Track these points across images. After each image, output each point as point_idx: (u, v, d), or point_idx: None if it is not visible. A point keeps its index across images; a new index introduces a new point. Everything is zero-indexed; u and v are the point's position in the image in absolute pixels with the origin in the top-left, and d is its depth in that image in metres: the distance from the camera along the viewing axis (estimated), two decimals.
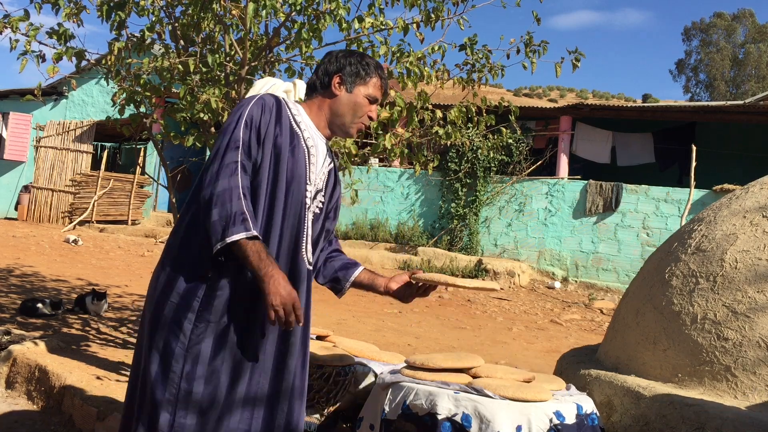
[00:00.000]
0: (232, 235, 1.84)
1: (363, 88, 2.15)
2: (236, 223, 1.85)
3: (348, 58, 2.17)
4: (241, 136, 1.95)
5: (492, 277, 11.38)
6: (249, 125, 1.97)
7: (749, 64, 49.35)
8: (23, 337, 4.40)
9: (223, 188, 1.88)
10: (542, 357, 6.20)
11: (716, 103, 14.09)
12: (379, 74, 2.18)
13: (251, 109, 1.99)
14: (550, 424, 2.39)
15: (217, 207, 1.87)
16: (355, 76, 2.15)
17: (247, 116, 1.97)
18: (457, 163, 13.10)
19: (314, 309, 2.34)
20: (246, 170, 1.93)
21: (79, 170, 15.67)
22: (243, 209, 1.87)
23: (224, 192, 1.88)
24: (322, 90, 2.16)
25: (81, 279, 7.72)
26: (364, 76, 2.15)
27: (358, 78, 2.15)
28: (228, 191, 1.88)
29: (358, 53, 2.22)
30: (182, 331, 1.91)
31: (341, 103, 2.14)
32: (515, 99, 37.39)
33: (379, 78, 2.18)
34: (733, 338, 2.55)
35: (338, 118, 2.15)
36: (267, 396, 2.01)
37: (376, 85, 2.17)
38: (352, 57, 2.18)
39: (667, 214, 11.95)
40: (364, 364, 3.07)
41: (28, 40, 3.80)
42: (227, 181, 1.89)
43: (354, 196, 4.39)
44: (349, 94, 2.14)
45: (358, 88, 2.14)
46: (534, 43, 4.16)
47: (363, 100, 2.15)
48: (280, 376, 2.02)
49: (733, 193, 3.16)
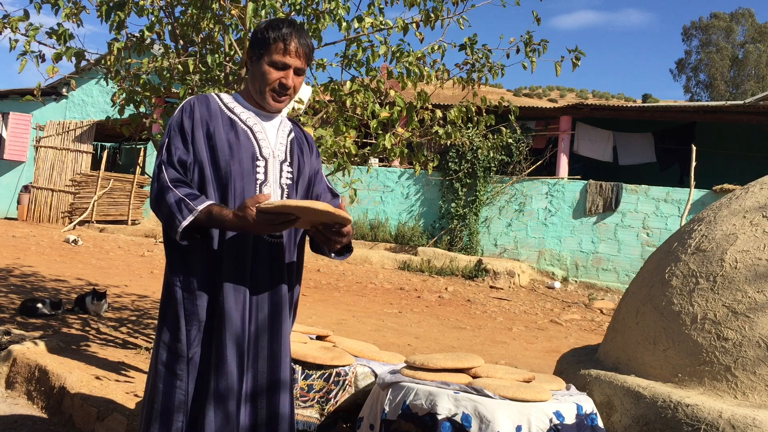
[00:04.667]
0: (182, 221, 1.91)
1: (266, 57, 2.06)
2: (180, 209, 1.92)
3: (254, 31, 2.13)
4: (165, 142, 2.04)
5: (492, 277, 11.38)
6: (170, 129, 2.06)
7: (749, 64, 49.34)
8: (23, 337, 4.39)
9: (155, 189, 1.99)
10: (542, 357, 6.20)
11: (716, 103, 14.09)
12: (282, 36, 2.04)
13: (174, 116, 2.08)
14: (549, 424, 2.39)
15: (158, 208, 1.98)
16: (257, 47, 2.08)
17: (171, 123, 2.07)
18: (457, 163, 13.10)
19: (314, 309, 2.35)
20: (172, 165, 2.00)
21: (79, 170, 15.67)
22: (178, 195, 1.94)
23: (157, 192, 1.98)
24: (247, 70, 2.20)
25: (81, 279, 7.72)
26: (264, 44, 2.06)
27: (262, 48, 2.07)
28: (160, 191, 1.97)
29: (269, 20, 2.13)
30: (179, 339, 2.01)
31: (253, 76, 2.12)
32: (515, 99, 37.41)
33: (282, 41, 2.04)
34: (733, 338, 2.55)
35: (254, 93, 2.13)
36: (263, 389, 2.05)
37: (280, 49, 2.05)
38: (259, 26, 2.12)
39: (667, 214, 11.95)
40: (364, 364, 3.07)
41: (27, 40, 3.80)
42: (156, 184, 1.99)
43: (353, 195, 4.39)
44: (254, 66, 2.10)
45: (262, 58, 2.07)
46: (534, 42, 4.16)
47: (267, 68, 2.06)
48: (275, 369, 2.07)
49: (733, 193, 3.16)
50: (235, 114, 2.11)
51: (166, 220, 1.95)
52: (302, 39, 2.08)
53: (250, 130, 2.10)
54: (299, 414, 2.92)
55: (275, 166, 2.10)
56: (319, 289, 9.32)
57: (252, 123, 2.11)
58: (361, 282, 10.30)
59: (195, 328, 1.98)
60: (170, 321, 2.01)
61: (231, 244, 2.01)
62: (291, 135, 2.20)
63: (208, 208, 1.92)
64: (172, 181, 1.96)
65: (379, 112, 3.87)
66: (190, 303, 1.99)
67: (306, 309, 7.35)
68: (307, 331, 3.55)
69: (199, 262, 2.00)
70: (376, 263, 12.15)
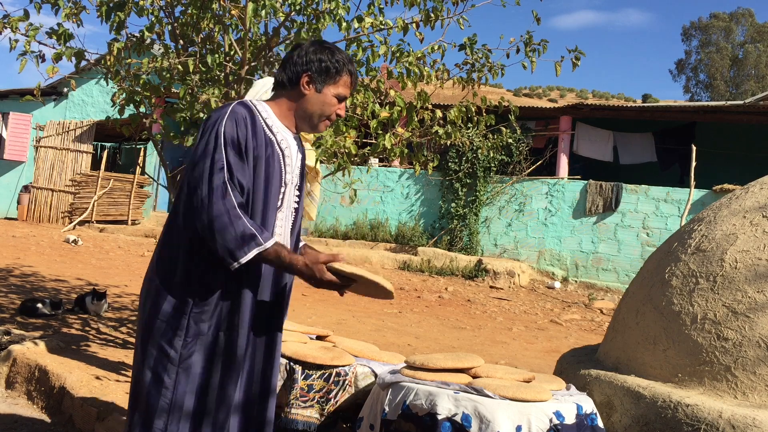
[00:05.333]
0: (247, 255, 1.87)
1: (332, 88, 2.08)
2: (247, 242, 1.87)
3: (318, 55, 2.07)
4: (224, 156, 1.91)
5: (492, 277, 11.38)
6: (228, 142, 1.93)
7: (749, 64, 49.33)
8: (23, 337, 4.39)
9: (220, 211, 1.87)
10: (542, 357, 6.20)
11: (716, 103, 14.08)
12: (350, 71, 2.10)
13: (226, 125, 1.94)
14: (549, 424, 2.39)
15: (220, 232, 1.86)
16: (324, 74, 2.06)
17: (226, 134, 1.93)
18: (457, 163, 13.10)
19: (314, 309, 2.37)
20: (235, 187, 1.92)
21: (79, 170, 15.67)
22: (248, 227, 1.88)
23: (222, 215, 1.87)
24: (290, 87, 2.09)
25: (81, 279, 7.72)
26: (333, 74, 2.07)
27: (328, 77, 2.07)
28: (226, 214, 1.87)
29: (328, 48, 2.11)
30: (173, 347, 1.95)
31: (310, 102, 2.08)
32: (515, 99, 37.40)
33: (350, 75, 2.10)
34: (733, 338, 2.55)
35: (306, 117, 2.10)
36: (255, 398, 2.06)
37: (346, 83, 2.10)
38: (323, 53, 2.08)
39: (667, 214, 11.94)
40: (364, 364, 3.07)
41: (27, 40, 3.80)
42: (222, 204, 1.87)
43: (353, 195, 4.39)
44: (318, 93, 2.07)
45: (327, 87, 2.07)
46: (534, 42, 4.16)
47: (332, 100, 2.08)
48: (267, 379, 2.08)
49: (733, 193, 3.16)
50: (273, 133, 2.05)
51: (227, 246, 1.87)
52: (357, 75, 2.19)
53: (282, 153, 2.06)
54: (299, 414, 2.92)
55: (291, 192, 2.11)
56: (318, 288, 9.30)
57: (284, 146, 2.07)
58: None
59: (194, 341, 1.95)
60: (168, 327, 1.96)
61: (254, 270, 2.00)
62: (301, 158, 2.19)
63: (276, 249, 1.91)
64: (240, 206, 1.90)
65: (379, 112, 3.87)
66: (198, 317, 1.95)
67: (306, 309, 7.35)
68: (307, 331, 3.55)
69: (218, 280, 1.96)
70: (376, 263, 12.15)
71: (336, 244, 12.97)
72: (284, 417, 2.92)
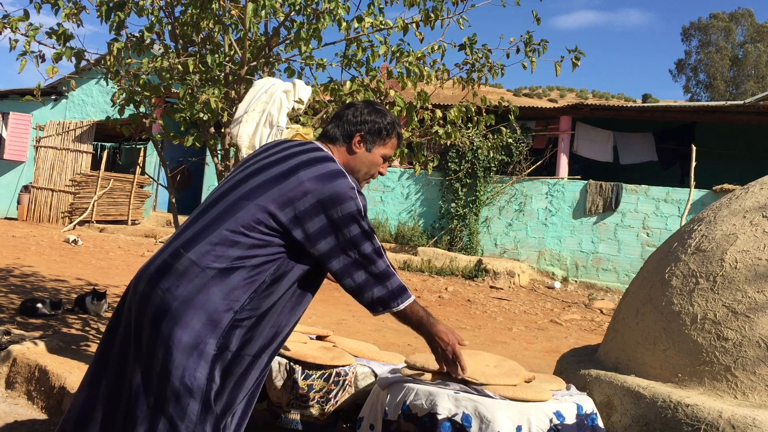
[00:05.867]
0: (406, 301, 2.11)
1: (381, 149, 2.21)
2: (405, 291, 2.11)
3: (372, 116, 2.20)
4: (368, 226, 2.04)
5: (492, 277, 11.37)
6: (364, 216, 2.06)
7: (749, 64, 49.34)
8: (23, 337, 4.39)
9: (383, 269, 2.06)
10: (542, 357, 6.20)
11: (716, 103, 14.08)
12: (398, 133, 2.24)
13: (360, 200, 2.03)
14: (550, 424, 2.39)
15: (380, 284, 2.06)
16: (376, 136, 2.19)
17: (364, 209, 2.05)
18: (457, 163, 13.10)
19: (314, 309, 2.42)
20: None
21: (79, 170, 15.67)
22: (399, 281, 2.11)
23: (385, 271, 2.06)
24: (343, 142, 2.19)
25: (81, 279, 7.72)
26: (384, 136, 2.21)
27: (379, 138, 2.20)
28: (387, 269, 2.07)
29: (380, 110, 2.24)
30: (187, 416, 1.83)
31: (359, 160, 2.20)
32: (515, 99, 37.42)
33: (397, 138, 2.25)
34: (733, 338, 2.55)
35: (352, 173, 2.16)
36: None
37: (393, 145, 2.25)
38: (377, 116, 2.20)
39: (667, 214, 11.95)
40: (364, 364, 3.07)
41: (27, 41, 3.80)
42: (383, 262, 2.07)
43: None
44: (368, 153, 2.20)
45: (377, 148, 2.21)
46: (534, 42, 4.16)
47: (379, 159, 2.22)
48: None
49: (733, 193, 3.16)
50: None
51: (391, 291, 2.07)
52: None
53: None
54: (299, 414, 2.93)
55: None
56: (319, 289, 9.31)
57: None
58: None
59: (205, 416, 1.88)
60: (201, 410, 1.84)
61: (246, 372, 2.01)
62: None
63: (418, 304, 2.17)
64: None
65: None
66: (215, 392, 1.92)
67: (306, 309, 7.34)
68: (307, 331, 3.55)
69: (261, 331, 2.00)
70: None
71: None
72: (284, 417, 2.92)
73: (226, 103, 3.80)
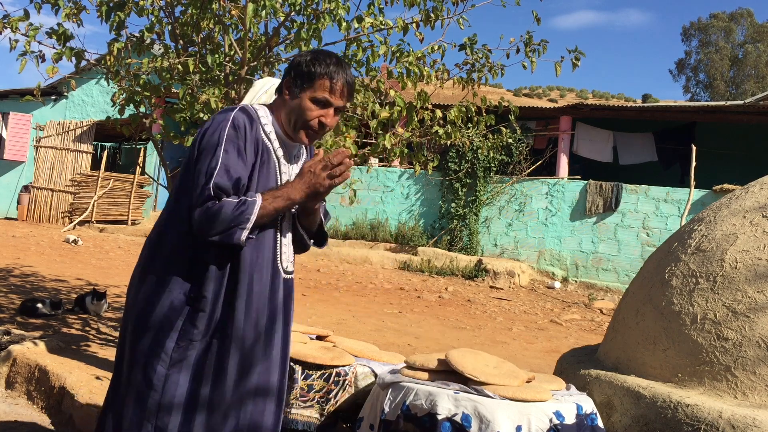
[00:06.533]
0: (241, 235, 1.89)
1: (309, 92, 1.99)
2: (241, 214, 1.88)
3: (299, 59, 2.03)
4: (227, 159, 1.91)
5: (492, 277, 11.37)
6: (228, 149, 1.92)
7: (749, 64, 49.33)
8: (23, 337, 4.39)
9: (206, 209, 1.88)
10: (542, 357, 6.20)
11: (716, 103, 14.09)
12: (330, 74, 1.98)
13: (229, 132, 1.93)
14: (550, 424, 2.39)
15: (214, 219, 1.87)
16: (300, 79, 2.00)
17: (226, 140, 1.92)
18: (457, 163, 13.10)
19: (314, 309, 2.36)
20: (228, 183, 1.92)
21: (79, 170, 15.67)
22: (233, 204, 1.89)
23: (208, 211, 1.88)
24: (279, 94, 2.07)
25: (81, 279, 7.72)
26: (308, 79, 1.99)
27: (304, 81, 1.99)
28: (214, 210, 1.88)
29: (315, 52, 2.05)
30: (164, 350, 1.93)
31: (288, 109, 2.03)
32: (515, 99, 37.40)
33: (329, 79, 1.98)
34: (733, 338, 2.55)
35: (287, 124, 2.04)
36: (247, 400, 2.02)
37: (324, 87, 1.99)
38: (304, 57, 2.02)
39: (667, 214, 11.94)
40: (364, 364, 3.07)
41: (27, 41, 3.80)
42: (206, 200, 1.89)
43: (353, 196, 4.39)
44: (295, 99, 2.01)
45: (304, 93, 2.00)
46: (534, 42, 4.15)
47: (308, 105, 1.99)
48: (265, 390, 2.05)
49: (733, 193, 3.16)
50: (269, 139, 2.03)
51: (228, 223, 1.87)
52: (349, 77, 2.03)
53: (278, 160, 2.05)
54: (299, 414, 2.93)
55: None
56: (319, 289, 9.32)
57: (280, 155, 2.05)
58: (361, 282, 10.29)
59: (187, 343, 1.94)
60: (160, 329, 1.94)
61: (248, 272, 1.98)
62: (301, 163, 2.16)
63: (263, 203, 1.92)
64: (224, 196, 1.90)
65: (379, 112, 3.87)
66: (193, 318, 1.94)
67: (306, 309, 7.35)
68: (307, 331, 3.55)
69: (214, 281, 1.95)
70: (376, 263, 12.15)
71: (336, 244, 12.97)
72: (284, 417, 2.92)
73: (226, 103, 3.80)
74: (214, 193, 1.88)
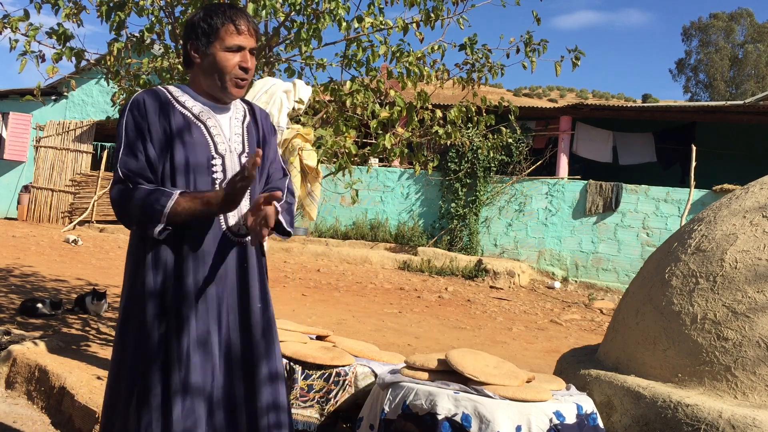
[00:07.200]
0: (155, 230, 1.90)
1: (218, 44, 1.98)
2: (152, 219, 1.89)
3: (192, 20, 2.03)
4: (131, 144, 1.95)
5: (492, 277, 11.37)
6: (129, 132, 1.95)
7: (749, 64, 49.34)
8: (23, 337, 4.39)
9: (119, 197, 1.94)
10: (542, 357, 6.20)
11: (716, 103, 14.09)
12: (230, 18, 1.98)
13: (128, 118, 1.97)
14: (550, 424, 2.39)
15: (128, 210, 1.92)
16: (205, 37, 1.99)
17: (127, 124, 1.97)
18: (457, 163, 13.10)
19: (314, 309, 2.34)
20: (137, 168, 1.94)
21: (79, 170, 15.67)
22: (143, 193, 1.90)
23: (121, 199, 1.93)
24: (188, 66, 2.08)
25: (81, 279, 7.72)
26: (212, 32, 1.98)
27: (209, 37, 1.99)
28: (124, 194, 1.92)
29: (204, 8, 2.04)
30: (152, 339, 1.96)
31: (205, 70, 2.02)
32: (515, 99, 37.42)
33: (231, 22, 1.98)
34: (733, 338, 2.55)
35: (211, 86, 2.04)
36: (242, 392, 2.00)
37: (231, 32, 1.98)
38: (197, 16, 2.03)
39: (667, 214, 11.95)
40: (364, 364, 3.07)
41: (27, 41, 3.80)
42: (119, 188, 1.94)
43: (354, 196, 4.39)
44: (207, 58, 2.00)
45: (213, 47, 1.99)
46: (534, 42, 4.16)
47: (225, 56, 1.99)
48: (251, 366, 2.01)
49: (733, 193, 3.16)
50: (187, 108, 2.03)
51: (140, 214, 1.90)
52: (248, 17, 2.04)
53: (204, 125, 2.03)
54: (299, 414, 2.93)
55: (233, 161, 2.05)
56: (319, 289, 9.32)
57: (205, 117, 2.04)
58: (361, 282, 10.29)
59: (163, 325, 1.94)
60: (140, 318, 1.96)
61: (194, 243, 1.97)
62: (246, 120, 2.14)
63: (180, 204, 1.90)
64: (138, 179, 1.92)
65: (379, 112, 3.87)
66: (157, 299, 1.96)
67: (306, 309, 7.35)
68: (307, 331, 3.55)
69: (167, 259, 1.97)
70: (376, 263, 12.15)
71: (336, 244, 12.97)
72: None
73: None
74: (123, 174, 1.92)
